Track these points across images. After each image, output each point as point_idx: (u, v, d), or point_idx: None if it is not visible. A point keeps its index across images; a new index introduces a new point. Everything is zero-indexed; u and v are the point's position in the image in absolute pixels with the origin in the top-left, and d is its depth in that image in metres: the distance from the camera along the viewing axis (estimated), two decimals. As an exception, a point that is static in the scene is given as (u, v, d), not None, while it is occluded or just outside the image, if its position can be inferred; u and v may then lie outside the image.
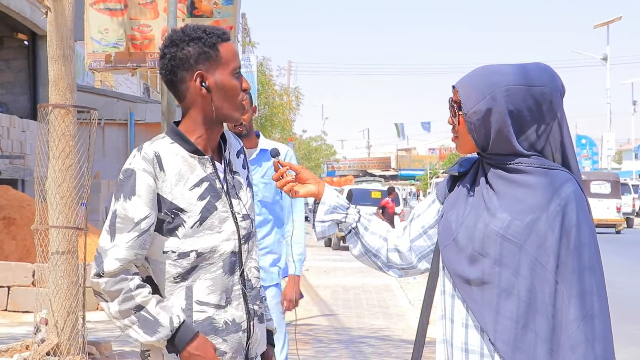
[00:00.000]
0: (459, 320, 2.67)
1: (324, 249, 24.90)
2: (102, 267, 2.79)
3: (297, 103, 41.21)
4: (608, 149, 54.30)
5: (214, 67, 2.91)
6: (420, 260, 2.94)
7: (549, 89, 2.64)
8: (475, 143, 2.68)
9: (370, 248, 2.98)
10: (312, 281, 16.42)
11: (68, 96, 7.72)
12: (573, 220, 2.57)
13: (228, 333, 2.89)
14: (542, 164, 2.64)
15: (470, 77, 2.70)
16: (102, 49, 11.32)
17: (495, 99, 2.61)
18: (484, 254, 2.61)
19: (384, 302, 13.88)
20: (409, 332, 10.82)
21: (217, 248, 2.89)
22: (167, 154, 2.88)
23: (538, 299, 2.55)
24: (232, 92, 2.92)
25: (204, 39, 2.90)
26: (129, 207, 2.81)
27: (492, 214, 2.63)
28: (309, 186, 3.00)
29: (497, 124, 2.62)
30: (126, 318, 2.79)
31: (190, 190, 2.87)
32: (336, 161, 79.25)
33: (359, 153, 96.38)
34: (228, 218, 2.93)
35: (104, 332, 9.48)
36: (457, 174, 2.83)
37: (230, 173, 3.00)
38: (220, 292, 2.89)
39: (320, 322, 11.49)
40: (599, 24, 52.93)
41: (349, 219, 2.98)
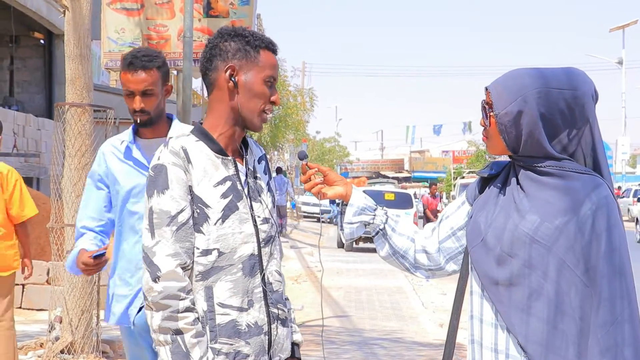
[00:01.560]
0: (488, 321, 2.67)
1: (337, 250, 24.88)
2: (156, 270, 2.80)
3: (311, 104, 41.19)
4: (622, 152, 54.10)
5: (248, 67, 2.94)
6: (448, 262, 2.94)
7: (581, 93, 2.64)
8: (506, 144, 2.68)
9: (397, 249, 2.98)
10: (325, 282, 16.40)
11: (85, 95, 7.75)
12: (604, 225, 2.56)
13: (251, 336, 2.89)
14: (574, 167, 2.63)
15: (502, 79, 2.70)
16: (118, 48, 11.36)
17: (527, 101, 2.61)
18: (513, 255, 2.61)
19: (397, 304, 13.86)
20: (422, 335, 10.81)
21: (237, 249, 2.89)
22: (193, 149, 2.91)
23: (565, 302, 2.55)
24: (258, 96, 2.94)
25: (248, 39, 2.95)
26: (163, 202, 2.83)
27: (522, 215, 2.62)
28: (336, 188, 3.01)
29: (529, 126, 2.62)
30: (162, 335, 2.80)
31: (214, 187, 2.89)
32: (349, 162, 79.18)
33: (373, 155, 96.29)
34: (248, 220, 2.93)
35: (117, 330, 9.47)
36: (487, 176, 2.84)
37: (252, 177, 3.01)
38: (242, 295, 2.89)
39: (332, 323, 11.48)
40: (614, 28, 52.80)
41: (377, 220, 2.99)
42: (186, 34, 10.12)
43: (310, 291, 14.73)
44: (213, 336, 2.84)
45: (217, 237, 2.86)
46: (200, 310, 2.85)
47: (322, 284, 3.14)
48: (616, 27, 52.71)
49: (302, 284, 15.89)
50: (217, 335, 2.84)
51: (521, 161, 2.69)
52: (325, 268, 19.30)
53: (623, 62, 52.89)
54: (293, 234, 31.08)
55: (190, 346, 2.77)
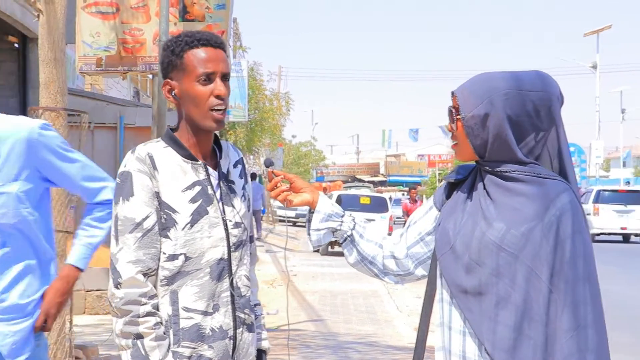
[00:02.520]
0: (456, 328, 2.68)
1: (312, 255, 24.89)
2: (117, 276, 2.83)
3: (287, 108, 41.21)
4: (596, 156, 54.45)
5: (179, 76, 2.94)
6: (417, 267, 2.95)
7: (547, 95, 2.65)
8: (474, 149, 2.69)
9: (366, 255, 2.99)
10: (300, 286, 16.41)
11: (59, 99, 7.72)
12: (568, 231, 2.58)
13: (214, 340, 2.90)
14: (539, 172, 2.65)
15: (469, 83, 2.72)
16: (93, 52, 11.32)
17: (493, 104, 2.62)
18: (481, 264, 2.62)
19: (372, 308, 13.88)
20: (397, 338, 10.84)
21: (204, 253, 2.90)
22: (160, 156, 2.91)
23: (533, 308, 2.56)
24: (197, 99, 2.91)
25: (172, 48, 2.95)
26: (128, 209, 2.85)
27: (489, 223, 2.64)
28: (303, 195, 3.01)
29: (495, 128, 2.63)
30: (124, 340, 2.83)
31: (182, 192, 2.89)
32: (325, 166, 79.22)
33: (348, 158, 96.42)
34: (218, 224, 2.94)
35: (91, 336, 9.45)
36: (454, 181, 2.85)
37: (224, 181, 3.01)
38: (207, 299, 2.90)
39: (307, 327, 11.49)
40: (589, 32, 53.11)
41: (344, 227, 2.99)
42: (162, 38, 10.10)
43: (285, 295, 14.72)
44: (176, 340, 2.86)
45: (184, 242, 2.87)
46: (165, 315, 2.87)
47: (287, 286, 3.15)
48: (590, 31, 53.03)
49: (277, 288, 15.89)
50: (180, 339, 2.86)
51: (487, 166, 2.70)
52: (301, 272, 19.30)
53: (597, 66, 53.22)
54: (268, 238, 31.05)
55: (149, 349, 2.81)
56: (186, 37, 2.95)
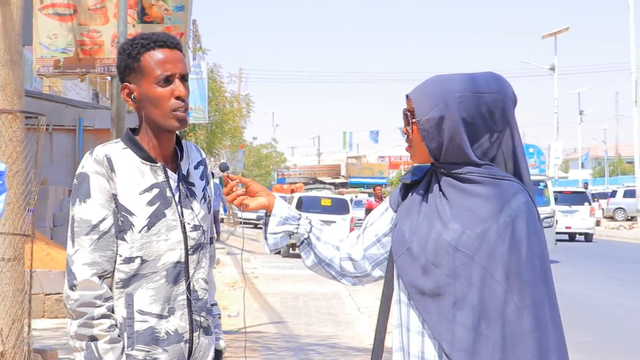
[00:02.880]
0: (415, 329, 2.68)
1: (273, 257, 24.86)
2: (72, 278, 2.82)
3: (248, 110, 41.13)
4: (555, 157, 54.93)
5: (137, 78, 2.92)
6: (374, 268, 2.95)
7: (501, 97, 2.66)
8: (429, 151, 2.69)
9: (323, 258, 2.99)
10: (262, 288, 16.39)
11: (16, 102, 7.65)
12: (523, 232, 2.60)
13: (169, 343, 2.89)
14: (494, 173, 2.66)
15: (423, 86, 2.72)
16: (50, 54, 11.23)
17: (448, 106, 2.63)
18: (437, 265, 2.62)
19: (333, 309, 13.90)
20: (358, 340, 10.85)
21: (161, 256, 2.89)
22: (118, 157, 2.89)
23: (490, 309, 2.57)
24: (157, 101, 2.89)
25: (128, 51, 2.92)
26: (85, 211, 2.83)
27: (444, 224, 2.64)
28: (259, 199, 3.01)
29: (450, 131, 2.64)
30: (78, 342, 2.82)
31: (140, 194, 2.88)
32: (286, 168, 79.24)
33: (310, 160, 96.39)
34: (176, 227, 2.92)
35: (50, 340, 9.37)
36: (409, 182, 2.86)
37: (184, 183, 2.99)
38: (162, 302, 2.89)
39: (269, 329, 11.48)
40: (547, 34, 53.56)
41: (301, 230, 2.99)
42: (120, 40, 10.05)
43: (247, 297, 14.70)
44: (130, 342, 2.85)
45: (141, 244, 2.86)
46: (120, 317, 2.86)
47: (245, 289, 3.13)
48: (548, 33, 53.48)
49: (238, 290, 15.84)
50: (134, 342, 2.85)
51: (442, 168, 2.71)
52: (262, 274, 19.28)
53: (555, 68, 53.69)
54: (230, 240, 30.97)
55: (103, 352, 2.80)
56: (142, 39, 2.92)
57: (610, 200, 49.36)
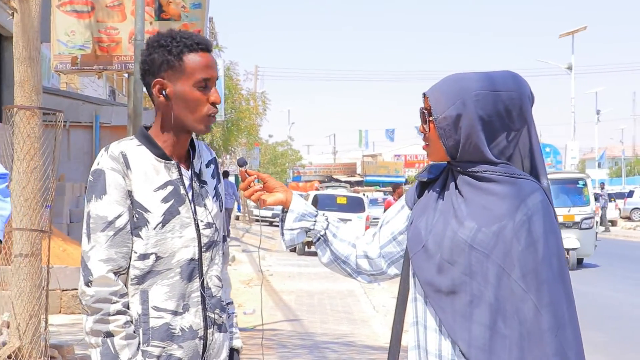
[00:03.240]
0: (432, 327, 2.68)
1: (288, 254, 24.89)
2: (88, 274, 2.82)
3: (264, 108, 41.18)
4: (572, 157, 54.69)
5: (175, 77, 2.90)
6: (390, 266, 2.95)
7: (518, 95, 2.66)
8: (446, 150, 2.69)
9: (339, 255, 2.99)
10: (277, 286, 16.40)
11: (34, 98, 7.67)
12: (540, 231, 2.59)
13: (184, 340, 2.90)
14: (510, 172, 2.65)
15: (440, 84, 2.72)
16: (68, 51, 11.27)
17: (465, 105, 2.63)
18: (453, 263, 2.62)
19: (348, 307, 13.89)
20: (373, 338, 10.85)
21: (175, 253, 2.90)
22: (133, 154, 2.90)
23: (507, 307, 2.57)
24: (192, 103, 2.89)
25: (170, 47, 2.89)
26: (100, 207, 2.84)
27: (460, 222, 2.64)
28: (276, 195, 3.01)
29: (467, 129, 2.64)
30: (93, 338, 2.83)
31: (155, 191, 2.89)
32: (302, 166, 79.19)
33: (325, 158, 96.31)
34: (190, 224, 2.94)
35: (66, 335, 9.41)
36: (425, 180, 2.85)
37: (197, 181, 3.00)
38: (177, 299, 2.90)
39: (284, 327, 11.48)
40: (564, 34, 53.32)
41: (318, 227, 2.99)
42: (137, 37, 10.07)
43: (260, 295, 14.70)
44: (146, 339, 2.86)
45: (155, 241, 2.87)
46: (135, 313, 2.87)
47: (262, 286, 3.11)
48: (566, 32, 53.24)
49: (253, 287, 15.87)
50: (149, 338, 2.86)
51: (459, 166, 2.71)
52: (277, 272, 19.29)
53: (572, 67, 53.46)
54: (245, 238, 31.01)
55: (119, 348, 2.81)
56: (184, 38, 2.91)
57: (627, 200, 49.15)
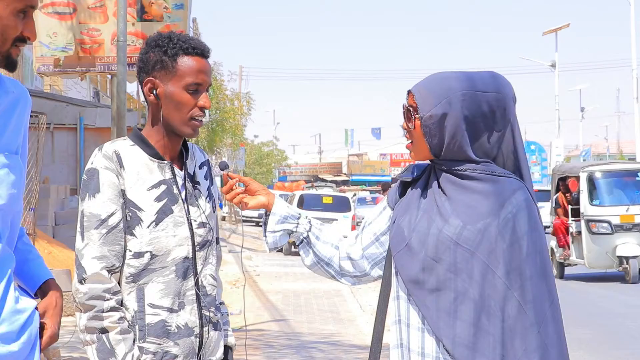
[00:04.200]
0: (415, 325, 2.68)
1: (275, 254, 24.87)
2: (82, 271, 2.84)
3: (249, 108, 41.23)
4: (557, 154, 54.82)
5: (167, 77, 2.93)
6: (374, 268, 2.95)
7: (502, 96, 2.67)
8: (430, 148, 2.69)
9: (322, 257, 2.99)
10: (263, 286, 16.39)
11: (16, 100, 7.64)
12: (524, 229, 2.61)
13: (180, 337, 2.92)
14: (493, 171, 2.67)
15: (426, 82, 2.73)
16: (50, 52, 11.24)
17: (451, 104, 2.63)
18: (438, 260, 2.63)
19: (335, 307, 13.89)
20: (360, 337, 10.84)
21: (170, 252, 2.92)
22: (127, 154, 2.93)
23: (490, 304, 2.58)
24: (180, 105, 2.93)
25: (165, 48, 2.93)
26: (94, 205, 2.87)
27: (445, 220, 2.65)
28: (259, 197, 3.02)
29: (452, 128, 2.64)
30: (88, 335, 2.84)
31: (148, 190, 2.92)
32: (288, 166, 79.12)
33: (311, 158, 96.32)
34: (183, 223, 2.96)
35: (52, 339, 9.36)
36: (409, 180, 2.85)
37: (190, 182, 3.03)
38: (173, 296, 2.92)
39: (271, 327, 11.48)
40: (547, 31, 53.43)
41: (300, 229, 3.00)
42: (120, 38, 10.04)
43: (249, 295, 14.70)
44: (142, 335, 2.88)
45: (149, 239, 2.90)
46: (132, 311, 2.89)
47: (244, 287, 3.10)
48: (549, 30, 53.37)
49: (240, 287, 15.84)
50: (145, 335, 2.88)
51: (443, 165, 2.71)
52: (264, 272, 19.28)
53: (556, 64, 53.61)
54: (231, 238, 30.98)
55: (115, 343, 2.82)
56: (180, 41, 2.95)
57: (612, 196, 49.21)
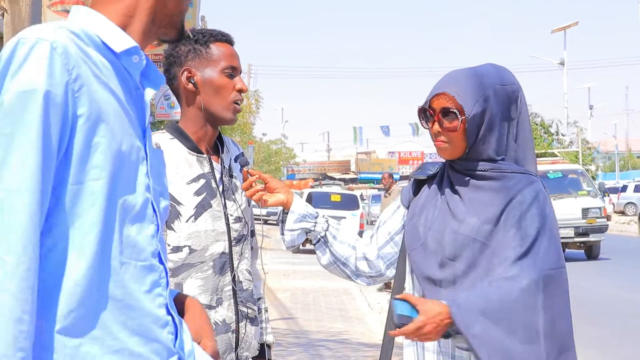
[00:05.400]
0: None
1: (283, 252, 24.86)
2: None
3: (257, 106, 41.13)
4: (565, 152, 54.74)
5: (203, 64, 2.96)
6: (389, 268, 2.95)
7: (517, 87, 2.70)
8: (468, 147, 2.69)
9: (339, 257, 2.99)
10: (272, 284, 16.39)
11: (25, 98, 7.65)
12: (537, 222, 2.61)
13: (218, 333, 2.92)
14: (509, 168, 2.68)
15: (459, 82, 2.69)
16: (59, 50, 11.23)
17: (487, 101, 2.64)
18: (456, 258, 2.63)
19: (343, 305, 13.89)
20: (368, 336, 10.84)
21: (208, 247, 2.92)
22: (166, 147, 2.93)
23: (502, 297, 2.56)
24: (220, 89, 2.95)
25: (196, 37, 2.98)
26: None
27: (459, 220, 2.65)
28: (278, 195, 3.01)
29: (488, 125, 2.65)
30: None
31: (188, 184, 2.92)
32: (296, 164, 79.02)
33: (319, 156, 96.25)
34: (221, 218, 2.97)
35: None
36: (424, 178, 2.85)
37: (227, 175, 3.04)
38: (210, 293, 2.92)
39: (279, 325, 11.47)
40: (556, 29, 53.42)
41: (318, 228, 2.99)
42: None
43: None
44: None
45: (188, 234, 2.90)
46: None
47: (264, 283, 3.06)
48: (558, 28, 53.35)
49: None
50: None
51: (457, 164, 2.70)
52: (272, 270, 19.28)
53: (565, 62, 53.57)
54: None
55: None
56: (209, 31, 3.00)
57: (621, 195, 49.18)
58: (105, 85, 1.76)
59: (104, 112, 1.73)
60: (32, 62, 1.66)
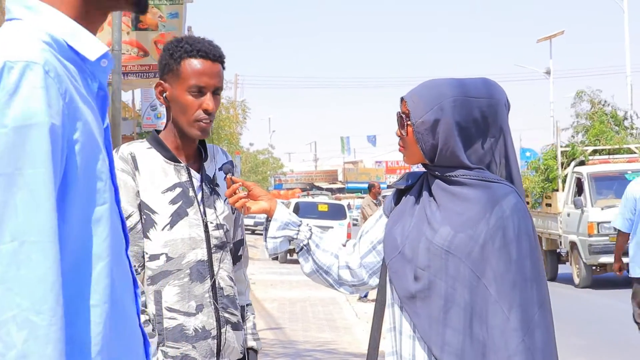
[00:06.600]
0: (406, 332, 2.69)
1: (270, 263, 24.87)
2: None
3: (244, 116, 41.11)
4: (552, 161, 54.88)
5: (173, 80, 2.97)
6: (372, 277, 2.95)
7: (495, 102, 2.69)
8: (423, 153, 2.71)
9: (321, 265, 2.99)
10: (259, 294, 16.37)
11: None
12: (514, 233, 2.61)
13: (197, 340, 2.93)
14: (485, 176, 2.68)
15: (418, 89, 2.75)
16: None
17: (443, 110, 2.65)
18: (428, 268, 2.64)
19: (331, 315, 13.88)
20: (356, 345, 10.83)
21: (185, 254, 2.94)
22: (142, 156, 2.96)
23: (479, 311, 2.58)
24: (185, 108, 2.95)
25: (171, 51, 2.98)
26: None
27: (434, 229, 2.66)
28: (261, 203, 3.00)
29: (444, 134, 2.66)
30: None
31: (163, 193, 2.94)
32: (283, 174, 79.05)
33: (306, 166, 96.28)
34: (199, 226, 2.98)
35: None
36: (403, 188, 2.86)
37: (207, 183, 3.04)
38: (188, 300, 2.93)
39: (266, 335, 11.45)
40: (541, 38, 53.54)
41: (301, 236, 2.99)
42: (114, 47, 10.04)
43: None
44: (161, 339, 2.90)
45: (164, 242, 2.92)
46: (151, 314, 2.91)
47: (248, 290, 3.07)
48: (543, 37, 53.48)
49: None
50: (164, 339, 2.90)
51: (436, 171, 2.72)
52: (259, 280, 19.26)
53: (551, 72, 53.73)
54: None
55: None
56: (187, 44, 2.98)
57: (607, 203, 49.20)
58: (83, 97, 1.58)
59: (91, 130, 1.56)
60: (26, 91, 1.44)
